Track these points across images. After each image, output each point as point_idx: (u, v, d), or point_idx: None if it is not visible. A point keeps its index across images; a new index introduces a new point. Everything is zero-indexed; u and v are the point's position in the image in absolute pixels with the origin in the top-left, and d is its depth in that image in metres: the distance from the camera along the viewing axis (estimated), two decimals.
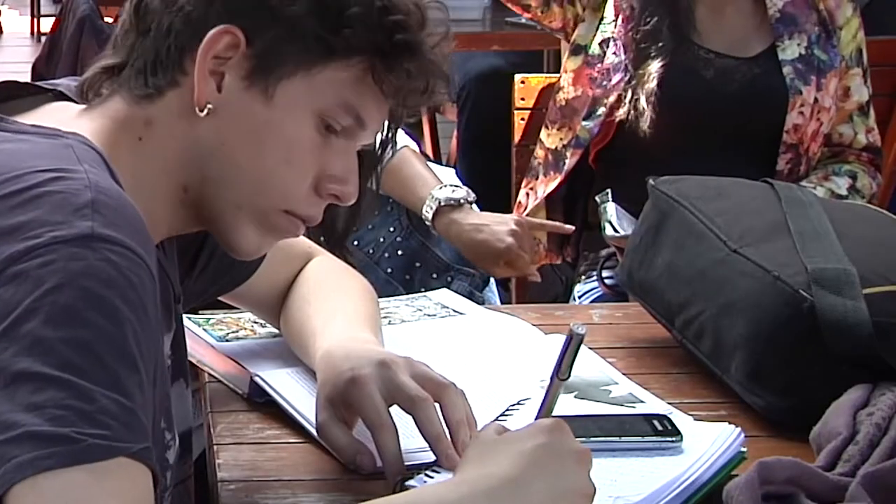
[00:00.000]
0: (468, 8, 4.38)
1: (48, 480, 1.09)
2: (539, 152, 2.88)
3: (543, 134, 2.88)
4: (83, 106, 1.41)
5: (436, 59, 1.40)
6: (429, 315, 1.95)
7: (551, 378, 1.37)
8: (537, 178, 2.87)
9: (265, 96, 1.37)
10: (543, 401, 1.38)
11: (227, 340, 1.80)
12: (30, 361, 1.12)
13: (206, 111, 1.36)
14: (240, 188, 1.39)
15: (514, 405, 1.59)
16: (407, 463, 1.45)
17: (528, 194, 2.89)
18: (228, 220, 1.41)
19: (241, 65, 1.36)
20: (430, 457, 1.45)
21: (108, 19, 4.50)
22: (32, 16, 8.50)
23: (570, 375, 1.37)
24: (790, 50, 2.76)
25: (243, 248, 1.44)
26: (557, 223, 2.80)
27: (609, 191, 2.64)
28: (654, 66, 2.69)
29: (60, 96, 1.43)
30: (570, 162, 2.79)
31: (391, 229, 2.62)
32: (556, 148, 2.84)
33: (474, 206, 2.59)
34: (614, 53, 2.75)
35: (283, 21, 1.36)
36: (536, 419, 1.37)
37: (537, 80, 3.00)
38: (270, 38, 1.36)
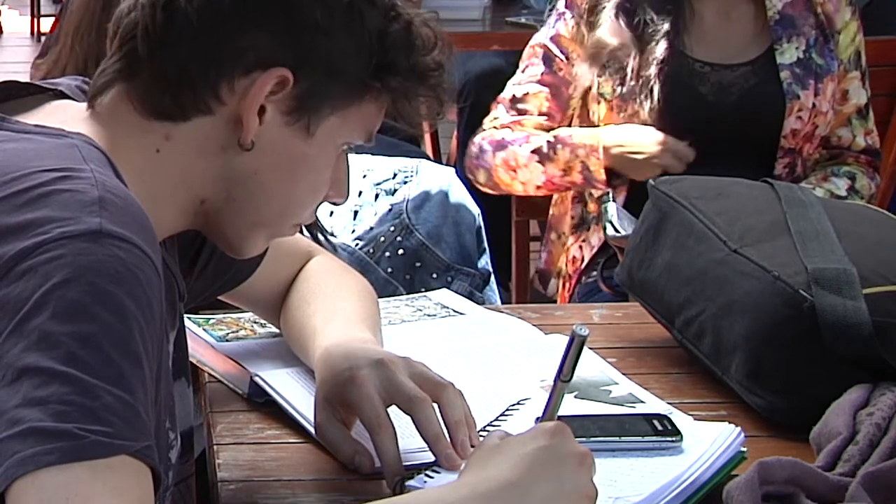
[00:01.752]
0: (468, 8, 4.36)
1: (49, 476, 1.10)
2: (591, 206, 2.83)
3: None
4: (88, 106, 1.40)
5: (449, 84, 1.44)
6: (429, 315, 1.95)
7: (554, 380, 1.37)
8: (589, 230, 2.85)
9: (306, 133, 1.39)
10: (547, 403, 1.38)
11: (227, 340, 1.80)
12: (36, 356, 1.13)
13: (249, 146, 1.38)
14: (264, 211, 1.43)
15: (513, 405, 1.59)
16: (406, 463, 1.45)
17: (581, 247, 2.86)
18: (243, 234, 1.45)
19: (285, 101, 1.38)
20: (429, 457, 1.45)
21: None
22: (32, 16, 8.48)
23: (572, 377, 1.36)
24: (788, 53, 2.76)
25: (248, 254, 1.48)
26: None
27: (610, 191, 2.64)
28: (660, 49, 2.68)
29: (61, 96, 1.43)
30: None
31: (391, 229, 2.61)
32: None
33: None
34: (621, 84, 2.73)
35: (328, 63, 1.37)
36: (540, 421, 1.37)
37: None
38: (316, 79, 1.38)
